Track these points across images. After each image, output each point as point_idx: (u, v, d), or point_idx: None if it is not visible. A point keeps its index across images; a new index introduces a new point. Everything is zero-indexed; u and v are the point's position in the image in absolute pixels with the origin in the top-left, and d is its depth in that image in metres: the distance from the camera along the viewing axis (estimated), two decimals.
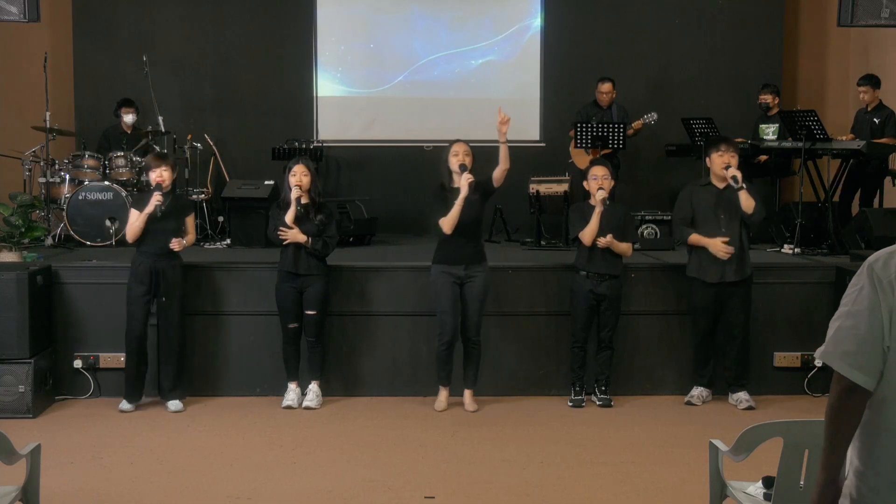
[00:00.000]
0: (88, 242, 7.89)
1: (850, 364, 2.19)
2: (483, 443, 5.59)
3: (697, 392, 6.49)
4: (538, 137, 10.15)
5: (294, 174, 6.20)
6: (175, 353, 6.25)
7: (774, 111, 9.06)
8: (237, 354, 6.64)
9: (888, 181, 8.35)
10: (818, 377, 6.65)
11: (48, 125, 8.30)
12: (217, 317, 6.62)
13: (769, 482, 3.37)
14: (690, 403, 6.44)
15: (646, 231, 8.04)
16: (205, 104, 10.02)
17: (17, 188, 8.14)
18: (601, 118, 8.94)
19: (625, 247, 6.34)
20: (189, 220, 6.35)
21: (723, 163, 6.27)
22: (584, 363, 6.44)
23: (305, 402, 6.31)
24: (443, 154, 6.22)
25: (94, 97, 9.77)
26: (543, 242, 8.53)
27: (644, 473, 5.05)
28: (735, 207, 6.23)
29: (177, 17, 10.01)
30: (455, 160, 6.09)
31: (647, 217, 8.11)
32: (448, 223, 6.02)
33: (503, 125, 5.98)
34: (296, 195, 6.16)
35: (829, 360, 2.23)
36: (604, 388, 6.43)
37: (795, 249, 7.60)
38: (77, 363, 6.47)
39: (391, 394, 6.60)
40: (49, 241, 7.92)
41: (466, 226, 6.06)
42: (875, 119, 8.44)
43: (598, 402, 6.42)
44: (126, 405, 6.18)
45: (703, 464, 3.75)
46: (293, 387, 6.36)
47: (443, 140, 6.74)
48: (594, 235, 6.24)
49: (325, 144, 9.79)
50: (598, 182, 6.28)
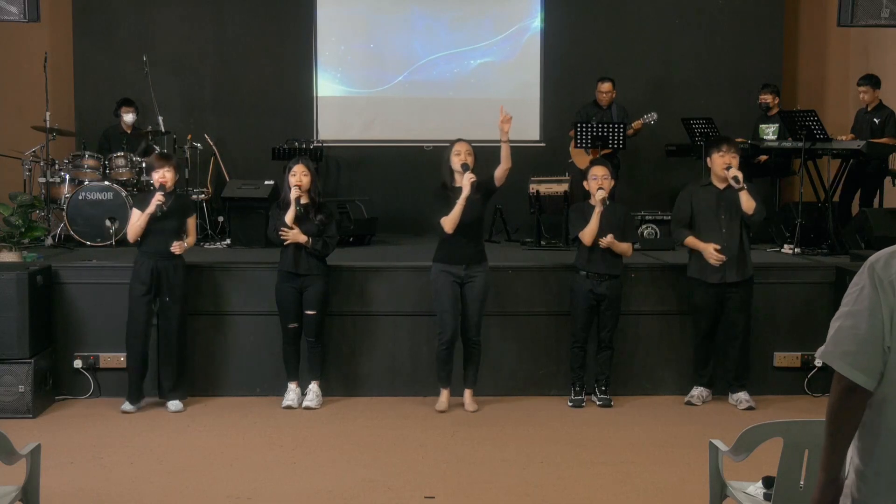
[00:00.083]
0: (88, 242, 7.89)
1: (851, 364, 2.19)
2: (483, 443, 5.59)
3: (697, 392, 6.49)
4: (538, 137, 10.15)
5: (294, 174, 6.20)
6: (175, 354, 6.25)
7: (774, 111, 9.06)
8: (237, 354, 6.64)
9: (888, 181, 8.35)
10: (818, 377, 6.65)
11: (48, 125, 8.30)
12: (217, 317, 6.62)
13: (769, 482, 3.37)
14: (690, 403, 6.44)
15: (646, 231, 8.04)
16: (205, 104, 10.02)
17: (17, 188, 8.14)
18: (601, 118, 8.93)
19: (625, 247, 6.34)
20: (190, 222, 6.35)
21: (724, 163, 6.27)
22: (584, 363, 6.44)
23: (305, 402, 6.31)
24: (444, 153, 6.21)
25: (94, 97, 9.77)
26: (543, 242, 8.53)
27: (644, 473, 5.05)
28: (736, 208, 6.23)
29: (177, 17, 10.01)
30: (457, 159, 6.08)
31: (647, 217, 8.11)
32: (450, 223, 6.02)
33: (505, 124, 5.98)
34: (295, 195, 6.16)
35: (830, 360, 2.23)
36: (604, 388, 6.43)
37: (795, 249, 7.60)
38: (77, 363, 6.47)
39: (391, 394, 6.60)
40: (49, 241, 7.92)
41: (467, 225, 6.06)
42: (875, 119, 8.43)
43: (598, 402, 6.42)
44: (128, 406, 6.18)
45: (703, 464, 3.75)
46: (293, 387, 6.36)
47: (443, 140, 6.74)
48: (594, 235, 6.24)
49: (325, 144, 9.79)
50: (598, 182, 6.28)
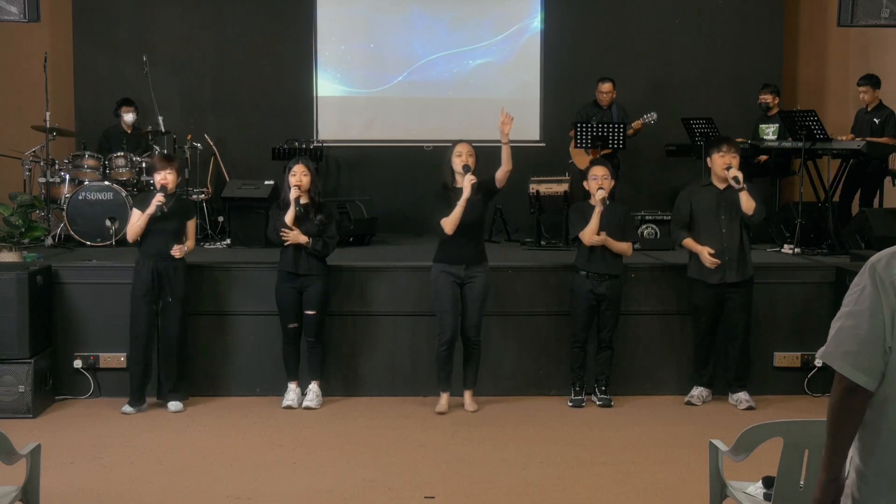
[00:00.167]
0: (88, 242, 7.89)
1: (852, 364, 2.19)
2: (483, 443, 5.59)
3: (697, 392, 6.49)
4: (538, 137, 10.14)
5: (294, 174, 6.20)
6: (176, 354, 6.25)
7: (774, 111, 9.06)
8: (237, 354, 6.64)
9: (888, 181, 8.35)
10: (818, 377, 6.65)
11: (48, 125, 8.29)
12: (217, 317, 6.62)
13: (769, 482, 3.37)
14: (690, 403, 6.44)
15: (646, 231, 8.03)
16: (205, 104, 10.02)
17: (17, 188, 8.14)
18: (601, 118, 8.93)
19: (624, 246, 6.34)
20: (190, 225, 6.33)
21: (724, 163, 6.27)
22: (584, 363, 6.44)
23: (305, 402, 6.31)
24: (446, 154, 6.20)
25: (94, 97, 9.77)
26: (543, 242, 8.53)
27: (644, 473, 5.05)
28: (736, 208, 6.23)
29: (177, 17, 10.01)
30: (458, 160, 6.07)
31: (647, 217, 8.10)
32: (450, 224, 6.01)
33: (505, 126, 5.97)
34: (294, 195, 6.15)
35: (831, 361, 2.23)
36: (604, 388, 6.43)
37: (795, 249, 7.60)
38: (77, 363, 6.47)
39: (391, 394, 6.60)
40: (49, 241, 7.92)
41: (468, 226, 6.05)
42: (875, 119, 8.43)
43: (598, 402, 6.42)
44: (129, 408, 6.16)
45: (703, 464, 3.75)
46: (293, 387, 6.35)
47: (443, 140, 6.75)
48: (594, 235, 6.24)
49: (325, 144, 9.79)
50: (598, 182, 6.28)
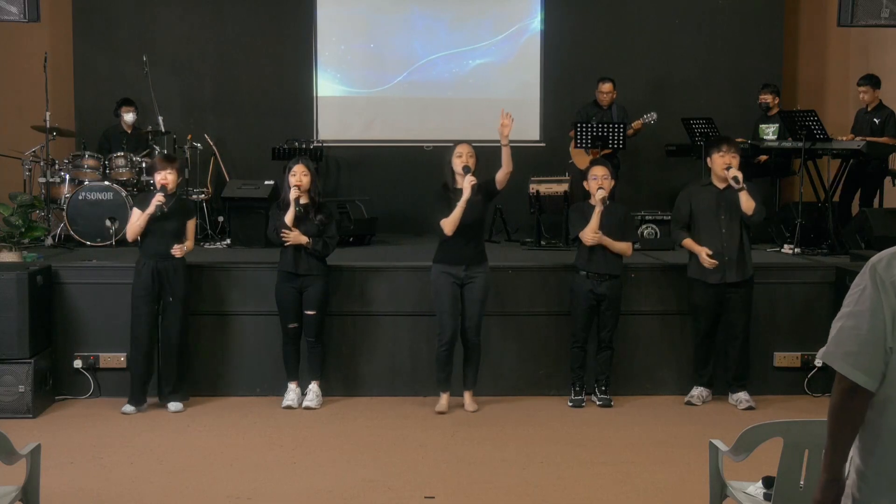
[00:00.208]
0: (88, 242, 7.89)
1: (852, 365, 2.19)
2: (483, 443, 5.59)
3: (697, 392, 6.49)
4: (538, 137, 10.14)
5: (294, 174, 6.19)
6: (176, 355, 6.24)
7: (774, 111, 9.06)
8: (237, 354, 6.64)
9: (888, 181, 8.35)
10: (818, 377, 6.65)
11: (48, 125, 8.29)
12: (217, 317, 6.62)
13: (769, 482, 3.37)
14: (690, 403, 6.44)
15: (646, 231, 8.03)
16: (205, 104, 10.02)
17: (17, 188, 8.14)
18: (601, 118, 8.93)
19: (623, 246, 6.34)
20: (190, 225, 6.32)
21: (724, 163, 6.27)
22: (584, 363, 6.44)
23: (305, 402, 6.31)
24: (446, 155, 6.20)
25: (94, 97, 9.77)
26: (543, 242, 8.53)
27: (644, 473, 5.05)
28: (735, 208, 6.23)
29: (177, 17, 10.01)
30: (458, 161, 6.07)
31: (647, 217, 8.10)
32: (449, 225, 6.01)
33: (505, 128, 5.96)
34: (294, 196, 6.15)
35: (831, 361, 2.23)
36: (604, 388, 6.43)
37: (795, 249, 7.60)
38: (77, 363, 6.47)
39: (391, 394, 6.60)
40: (49, 241, 7.92)
41: (468, 227, 6.05)
42: (875, 119, 8.43)
43: (598, 402, 6.42)
44: (129, 408, 6.16)
45: (703, 464, 3.75)
46: (293, 387, 6.35)
47: (442, 140, 6.74)
48: (594, 235, 6.24)
49: (325, 144, 9.79)
50: (598, 182, 6.28)
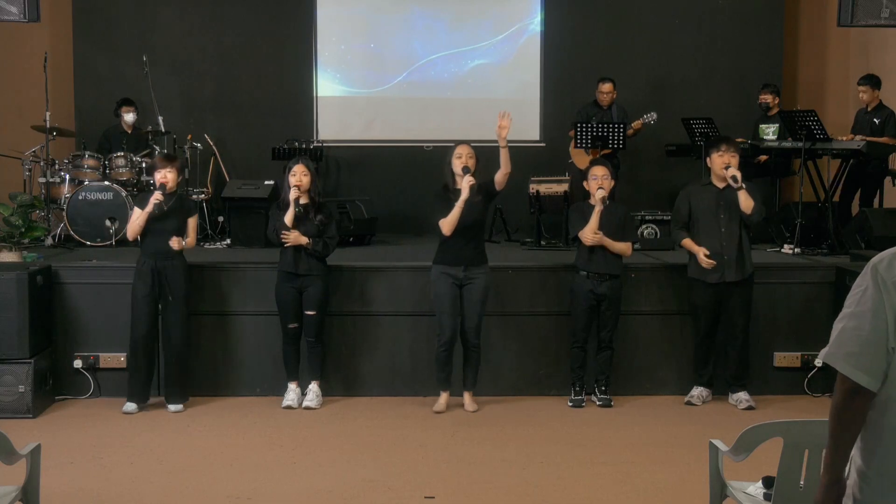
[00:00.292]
0: (88, 242, 7.89)
1: (854, 365, 2.18)
2: (483, 443, 5.59)
3: (697, 392, 6.49)
4: (538, 137, 10.14)
5: (294, 174, 6.19)
6: (177, 354, 6.24)
7: (774, 111, 9.06)
8: (237, 354, 6.63)
9: (888, 181, 8.35)
10: (818, 377, 6.65)
11: (48, 125, 8.29)
12: (217, 317, 6.62)
13: (769, 482, 3.37)
14: (690, 403, 6.44)
15: (646, 231, 8.03)
16: (205, 104, 10.02)
17: (17, 188, 8.14)
18: (601, 118, 8.93)
19: (623, 246, 6.34)
20: (191, 222, 6.31)
21: (723, 163, 6.27)
22: (584, 363, 6.44)
23: (305, 402, 6.31)
24: (446, 155, 6.21)
25: (94, 97, 9.77)
26: (543, 242, 8.53)
27: (644, 473, 5.05)
28: (735, 207, 6.23)
29: (177, 17, 10.01)
30: (458, 162, 6.07)
31: (647, 217, 8.10)
32: (447, 225, 6.01)
33: (502, 129, 5.95)
34: (294, 196, 6.15)
35: (833, 362, 2.23)
36: (604, 388, 6.43)
37: (795, 249, 7.60)
38: (77, 363, 6.47)
39: (391, 394, 6.60)
40: (49, 241, 7.92)
41: (467, 227, 6.05)
42: (875, 119, 8.43)
43: (598, 402, 6.42)
44: (130, 406, 6.16)
45: (703, 464, 3.75)
46: (293, 387, 6.35)
47: (442, 140, 6.74)
48: (594, 235, 6.24)
49: (325, 144, 9.79)
50: (598, 182, 6.28)
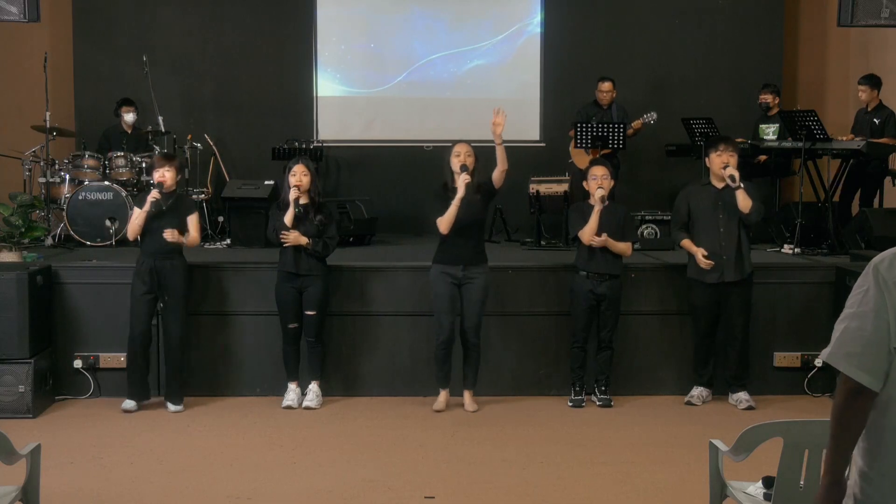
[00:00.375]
0: (88, 242, 7.89)
1: (856, 365, 2.18)
2: (483, 443, 5.59)
3: (697, 392, 6.49)
4: (538, 137, 10.15)
5: (294, 174, 6.19)
6: (176, 354, 6.24)
7: (774, 111, 9.06)
8: (237, 354, 6.63)
9: (888, 181, 8.35)
10: (818, 377, 6.65)
11: (48, 125, 8.29)
12: (217, 317, 6.61)
13: (769, 482, 3.37)
14: (690, 403, 6.44)
15: (646, 231, 8.03)
16: (205, 104, 10.02)
17: (17, 188, 8.14)
18: (601, 118, 8.93)
19: (623, 246, 6.34)
20: (191, 220, 6.28)
21: (721, 162, 6.28)
22: (584, 363, 6.44)
23: (305, 402, 6.31)
24: (445, 155, 6.21)
25: (94, 97, 9.76)
26: (543, 242, 8.53)
27: (644, 473, 5.05)
28: (734, 207, 6.23)
29: (177, 17, 10.01)
30: (456, 161, 6.08)
31: (647, 217, 8.10)
32: (444, 223, 6.01)
33: (497, 127, 5.94)
34: (293, 196, 6.15)
35: (835, 362, 2.22)
36: (604, 388, 6.43)
37: (795, 249, 7.60)
38: (77, 363, 6.47)
39: (391, 394, 6.60)
40: (49, 241, 7.92)
41: (466, 227, 6.05)
42: (875, 119, 8.43)
43: (598, 402, 6.42)
44: (129, 404, 6.16)
45: (703, 464, 3.75)
46: (293, 387, 6.35)
47: (442, 140, 6.74)
48: (594, 235, 6.24)
49: (325, 144, 9.79)
50: (598, 182, 6.28)
